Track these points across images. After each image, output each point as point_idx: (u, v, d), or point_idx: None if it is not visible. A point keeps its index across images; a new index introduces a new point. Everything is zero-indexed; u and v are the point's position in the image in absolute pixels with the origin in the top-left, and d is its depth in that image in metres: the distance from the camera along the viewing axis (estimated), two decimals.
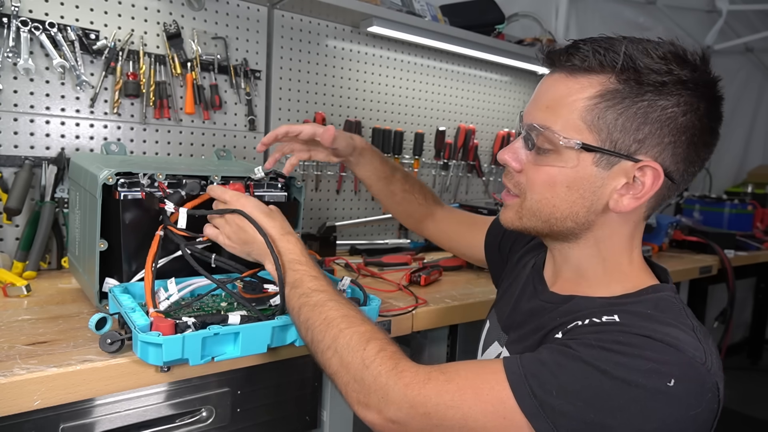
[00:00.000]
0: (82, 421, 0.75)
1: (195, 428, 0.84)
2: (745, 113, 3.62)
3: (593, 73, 0.62)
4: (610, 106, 0.61)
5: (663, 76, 0.59)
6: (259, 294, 0.87)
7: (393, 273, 1.37)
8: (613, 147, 0.62)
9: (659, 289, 0.66)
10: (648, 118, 0.60)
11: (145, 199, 0.87)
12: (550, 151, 0.64)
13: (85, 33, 1.26)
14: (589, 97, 0.62)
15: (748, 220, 2.57)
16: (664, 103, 0.60)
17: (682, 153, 0.62)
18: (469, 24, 1.78)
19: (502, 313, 0.84)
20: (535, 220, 0.69)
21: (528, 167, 0.68)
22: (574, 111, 0.62)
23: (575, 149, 0.62)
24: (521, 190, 0.69)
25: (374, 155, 1.07)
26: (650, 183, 0.62)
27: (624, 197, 0.63)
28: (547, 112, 0.65)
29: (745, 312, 3.59)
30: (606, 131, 0.61)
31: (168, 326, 0.71)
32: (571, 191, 0.65)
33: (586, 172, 0.63)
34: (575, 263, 0.72)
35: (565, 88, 0.63)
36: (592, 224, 0.67)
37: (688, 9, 3.00)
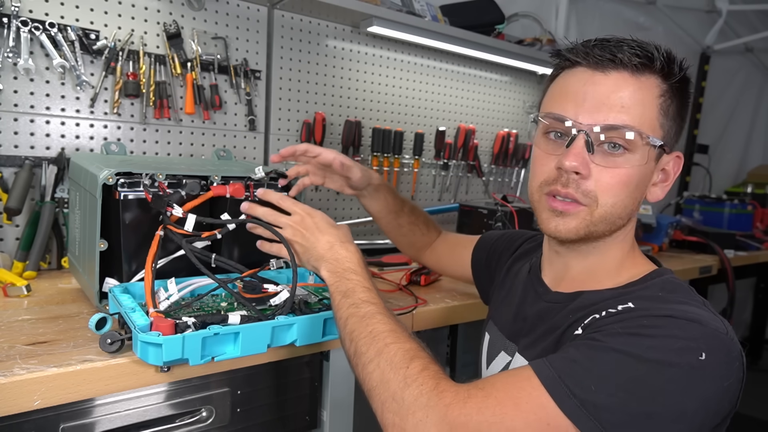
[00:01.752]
0: (82, 421, 0.75)
1: (195, 428, 0.84)
2: (745, 113, 3.62)
3: (655, 73, 0.65)
4: (671, 105, 0.66)
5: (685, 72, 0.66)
6: (259, 294, 0.87)
7: (393, 273, 1.37)
8: (668, 141, 0.67)
9: (661, 272, 0.68)
10: (681, 112, 0.67)
11: (151, 202, 0.86)
12: (623, 151, 0.64)
13: (85, 33, 1.26)
14: (659, 95, 0.65)
15: (748, 220, 2.57)
16: (687, 95, 0.68)
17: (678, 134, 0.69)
18: (469, 24, 1.78)
19: (504, 323, 0.84)
20: (604, 224, 0.67)
21: (597, 171, 0.65)
22: (652, 110, 0.64)
23: (649, 147, 0.64)
24: (591, 197, 0.65)
25: (389, 192, 1.08)
26: (675, 171, 0.69)
27: (656, 187, 0.69)
28: (623, 112, 0.63)
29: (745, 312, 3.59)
30: (666, 128, 0.66)
31: (168, 326, 0.71)
32: (638, 189, 0.67)
33: (649, 168, 0.66)
34: (591, 263, 0.72)
35: (634, 88, 0.64)
36: (631, 218, 0.70)
37: (688, 9, 3.00)
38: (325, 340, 0.86)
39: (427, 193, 1.99)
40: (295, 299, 0.87)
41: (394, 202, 1.09)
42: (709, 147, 3.31)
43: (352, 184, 1.04)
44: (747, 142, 3.70)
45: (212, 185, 0.94)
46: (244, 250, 0.97)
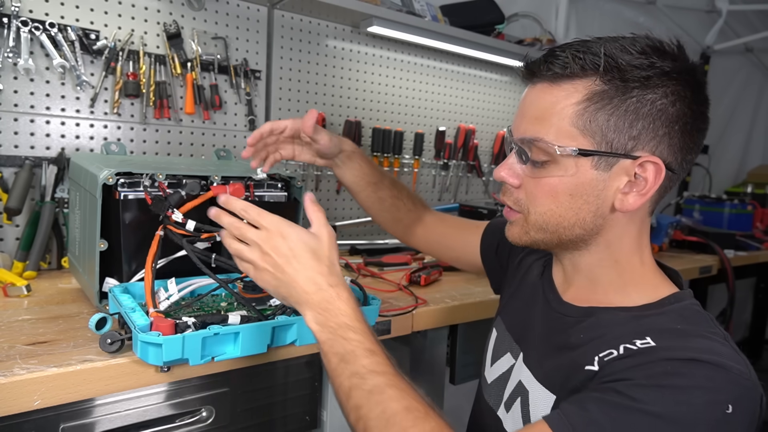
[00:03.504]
0: (82, 421, 0.75)
1: (195, 428, 0.84)
2: (745, 113, 3.62)
3: (576, 78, 0.61)
4: (599, 108, 0.60)
5: (646, 71, 0.59)
6: (259, 294, 0.87)
7: (393, 273, 1.37)
8: (609, 148, 0.61)
9: (681, 297, 0.65)
10: (639, 114, 0.60)
11: (151, 204, 0.86)
12: (546, 162, 0.63)
13: (85, 33, 1.26)
14: (577, 102, 0.61)
15: (748, 220, 2.57)
16: (652, 97, 0.60)
17: (677, 143, 0.62)
18: (469, 24, 1.78)
19: (512, 323, 0.82)
20: (542, 233, 0.67)
21: (526, 181, 0.67)
22: (564, 118, 0.62)
23: (572, 156, 0.61)
24: (522, 206, 0.68)
25: (363, 159, 1.02)
26: (653, 178, 0.62)
27: (628, 195, 0.63)
28: (536, 123, 0.64)
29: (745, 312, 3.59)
30: (600, 133, 0.61)
31: (168, 326, 0.71)
32: (574, 199, 0.64)
33: (586, 177, 0.62)
34: (587, 271, 0.70)
35: (551, 97, 0.63)
36: (601, 228, 0.66)
37: (688, 9, 3.00)
38: None
39: (427, 193, 1.99)
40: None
41: (371, 172, 1.02)
42: (709, 147, 3.31)
43: (322, 152, 0.96)
44: (747, 142, 3.69)
45: (212, 185, 0.94)
46: None
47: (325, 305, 0.65)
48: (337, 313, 0.65)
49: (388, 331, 1.01)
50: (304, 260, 0.66)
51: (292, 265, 0.66)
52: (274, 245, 0.67)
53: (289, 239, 0.67)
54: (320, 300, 0.65)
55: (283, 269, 0.66)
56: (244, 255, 0.69)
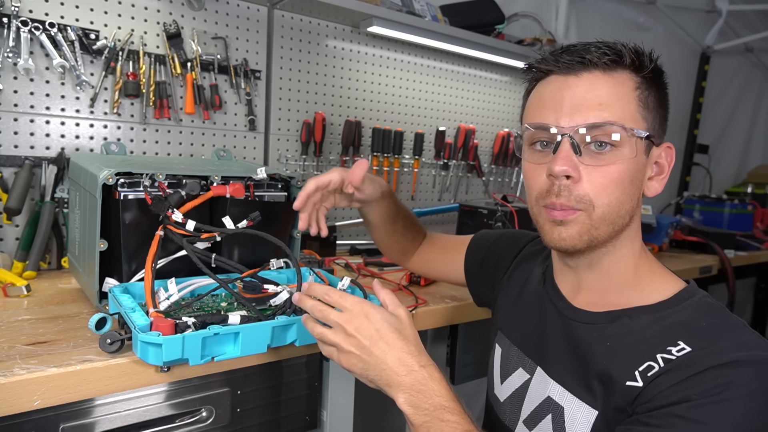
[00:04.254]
0: (82, 421, 0.75)
1: (195, 428, 0.84)
2: (745, 113, 3.62)
3: (619, 68, 0.65)
4: (649, 95, 0.65)
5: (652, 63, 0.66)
6: (259, 294, 0.87)
7: (393, 273, 1.37)
8: (654, 133, 0.66)
9: (692, 292, 0.67)
10: (662, 102, 0.67)
11: (151, 205, 0.86)
12: (612, 148, 0.63)
13: (85, 33, 1.26)
14: (634, 88, 0.65)
15: (748, 220, 2.57)
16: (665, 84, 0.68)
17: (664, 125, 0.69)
18: (469, 24, 1.78)
19: (519, 337, 0.80)
20: (606, 226, 0.65)
21: (588, 172, 0.64)
22: (630, 103, 0.64)
23: (636, 139, 0.64)
24: (585, 201, 0.64)
25: (392, 198, 1.00)
26: (669, 162, 0.68)
27: (653, 181, 0.68)
28: (602, 109, 0.63)
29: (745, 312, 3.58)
30: (650, 119, 0.65)
31: (168, 326, 0.71)
32: (633, 184, 0.65)
33: (641, 162, 0.65)
34: (605, 269, 0.70)
35: (609, 85, 0.64)
36: (634, 218, 0.69)
37: (688, 9, 3.00)
38: None
39: (427, 193, 1.99)
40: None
41: (395, 209, 1.01)
42: (709, 147, 3.31)
43: (363, 198, 0.93)
44: (747, 142, 3.69)
45: (212, 185, 0.94)
46: (245, 251, 0.97)
47: (419, 386, 0.63)
48: (431, 394, 0.63)
49: None
50: (391, 340, 0.65)
51: (380, 347, 0.65)
52: (358, 326, 0.66)
53: (374, 320, 0.66)
54: (413, 381, 0.63)
55: (371, 351, 0.65)
56: (328, 338, 0.68)
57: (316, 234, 0.91)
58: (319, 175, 0.88)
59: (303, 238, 1.42)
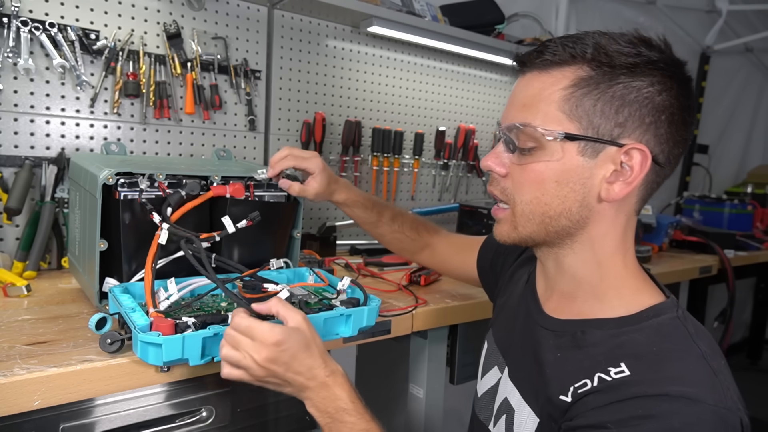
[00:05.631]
0: (82, 421, 0.75)
1: (195, 428, 0.84)
2: (745, 113, 3.62)
3: (565, 65, 0.62)
4: (586, 93, 0.61)
5: (634, 58, 0.60)
6: (259, 294, 0.87)
7: (393, 273, 1.37)
8: (596, 133, 0.61)
9: (660, 311, 0.62)
10: (626, 100, 0.60)
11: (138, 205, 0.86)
12: (533, 148, 0.63)
13: (85, 33, 1.26)
14: (564, 87, 0.61)
15: (748, 220, 2.57)
16: (639, 84, 0.60)
17: (664, 133, 0.62)
18: (469, 24, 1.78)
19: (500, 335, 0.82)
20: (530, 224, 0.66)
21: (513, 170, 0.66)
22: (551, 103, 0.62)
23: (558, 140, 0.61)
24: (509, 196, 0.67)
25: (355, 207, 1.07)
26: (639, 166, 0.61)
27: (614, 185, 0.62)
28: (524, 110, 0.64)
29: (745, 312, 3.59)
30: (586, 118, 0.61)
31: (168, 326, 0.71)
32: (560, 186, 0.63)
33: (573, 163, 0.62)
34: (571, 272, 0.69)
35: (539, 84, 0.63)
36: (587, 221, 0.65)
37: (688, 9, 3.00)
38: (326, 341, 0.86)
39: (427, 193, 1.99)
40: (295, 299, 0.87)
41: (366, 214, 1.08)
42: (709, 147, 3.31)
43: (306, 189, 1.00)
44: (747, 142, 3.70)
45: (212, 185, 0.94)
46: (244, 250, 0.97)
47: (324, 393, 0.70)
48: (334, 398, 0.69)
49: (388, 331, 1.01)
50: (301, 359, 0.69)
51: (293, 368, 0.69)
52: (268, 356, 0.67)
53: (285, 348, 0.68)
54: (319, 388, 0.70)
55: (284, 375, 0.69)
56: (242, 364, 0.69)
57: None
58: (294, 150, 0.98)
59: (303, 238, 1.42)
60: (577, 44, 0.61)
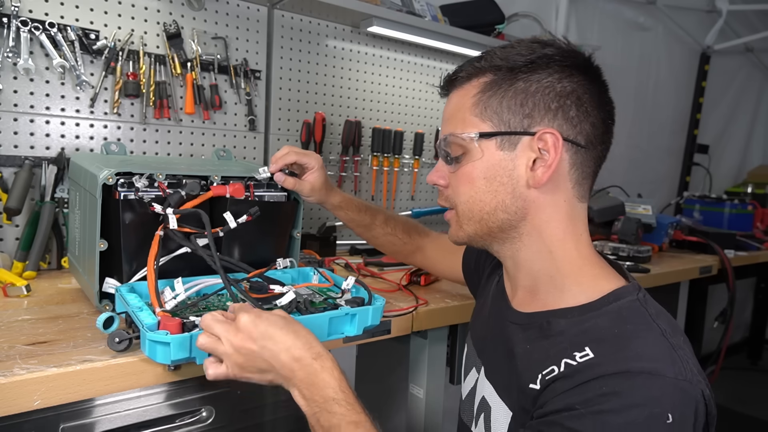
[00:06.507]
0: (82, 421, 0.75)
1: (195, 428, 0.84)
2: (745, 113, 3.62)
3: (473, 79, 0.70)
4: (491, 95, 0.67)
5: (529, 56, 0.66)
6: (265, 294, 0.87)
7: (393, 273, 1.37)
8: (507, 127, 0.67)
9: (621, 294, 0.64)
10: (528, 92, 0.66)
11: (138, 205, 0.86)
12: (461, 155, 0.69)
13: (85, 33, 1.26)
14: (473, 95, 0.69)
15: (748, 220, 2.57)
16: (537, 77, 0.66)
17: (575, 116, 0.66)
18: (469, 24, 1.78)
19: (476, 336, 0.84)
20: (472, 223, 0.71)
21: (451, 179, 0.73)
22: (465, 111, 0.69)
23: (476, 141, 0.68)
24: (451, 201, 0.73)
25: (349, 210, 1.10)
26: (553, 148, 0.65)
27: (537, 170, 0.66)
28: (447, 123, 0.72)
29: (745, 312, 3.59)
30: (496, 117, 0.67)
31: (175, 325, 0.71)
32: (489, 182, 0.68)
33: (495, 159, 0.67)
34: (527, 266, 0.71)
35: (456, 99, 0.72)
36: (525, 211, 0.68)
37: (688, 9, 3.00)
38: (329, 340, 0.86)
39: (426, 192, 1.99)
40: (300, 299, 0.87)
41: (359, 217, 1.11)
42: (709, 147, 3.31)
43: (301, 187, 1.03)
44: (747, 142, 3.70)
45: (212, 185, 0.94)
46: (246, 249, 0.97)
47: (311, 379, 0.65)
48: (322, 386, 0.65)
49: (388, 331, 1.01)
50: (278, 338, 0.66)
51: (268, 347, 0.66)
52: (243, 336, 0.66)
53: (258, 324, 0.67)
54: (305, 375, 0.66)
55: (261, 354, 0.66)
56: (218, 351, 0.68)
57: None
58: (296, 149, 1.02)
59: (303, 238, 1.42)
60: (482, 60, 0.69)
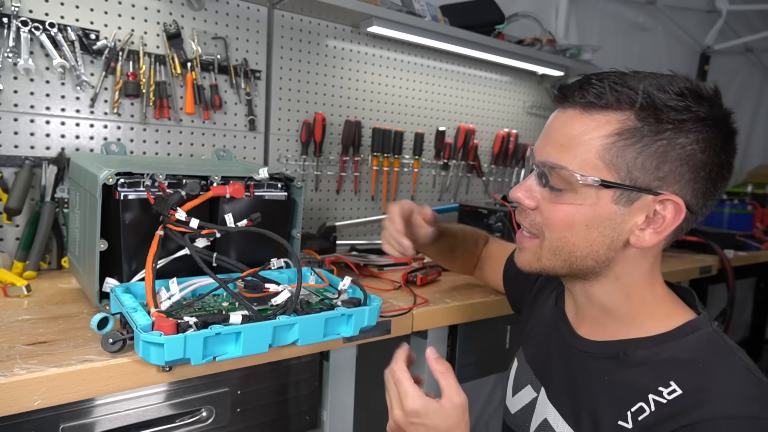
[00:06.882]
0: (82, 421, 0.75)
1: (195, 428, 0.84)
2: (745, 113, 3.62)
3: (610, 110, 0.60)
4: (629, 145, 0.59)
5: (682, 114, 0.58)
6: (260, 293, 0.87)
7: (392, 273, 1.37)
8: (633, 184, 0.60)
9: (696, 326, 0.63)
10: (668, 157, 0.59)
11: (153, 204, 0.86)
12: (568, 190, 0.63)
13: (85, 33, 1.26)
14: (607, 135, 0.60)
15: (748, 220, 2.57)
16: (683, 141, 0.59)
17: (701, 188, 0.61)
18: (469, 24, 1.78)
19: (532, 355, 0.82)
20: (555, 259, 0.66)
21: (544, 205, 0.66)
22: (591, 150, 0.61)
23: (593, 187, 0.61)
24: (538, 229, 0.67)
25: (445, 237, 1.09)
26: (671, 217, 0.61)
27: (645, 232, 0.62)
28: (562, 150, 0.63)
29: (745, 312, 3.59)
30: (625, 170, 0.60)
31: (170, 326, 0.71)
32: (590, 230, 0.63)
33: (606, 210, 0.62)
34: (599, 302, 0.69)
35: (580, 126, 0.62)
36: (612, 261, 0.65)
37: (688, 9, 3.00)
38: (326, 340, 0.86)
39: (427, 193, 1.99)
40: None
41: (451, 241, 1.11)
42: None
43: (420, 236, 1.03)
44: (747, 142, 3.69)
45: (212, 185, 0.94)
46: (245, 250, 0.97)
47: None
48: None
49: (388, 331, 1.01)
50: None
51: None
52: (401, 419, 0.68)
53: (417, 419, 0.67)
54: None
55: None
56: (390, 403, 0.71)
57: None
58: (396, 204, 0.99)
59: (303, 238, 1.42)
60: (624, 89, 0.59)
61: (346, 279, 0.94)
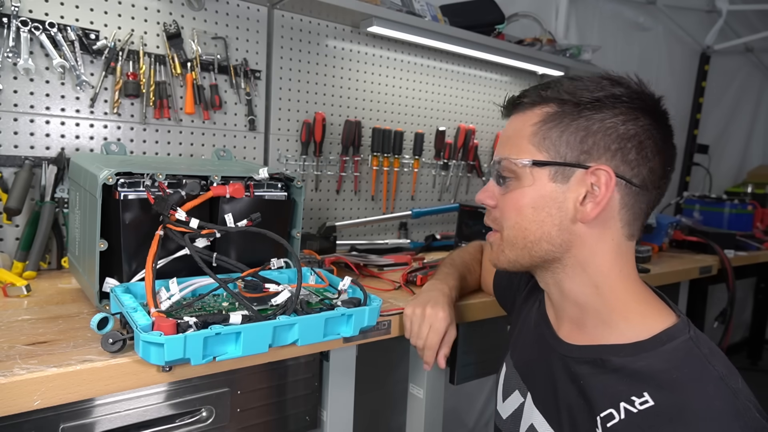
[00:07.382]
0: (82, 421, 0.75)
1: (195, 428, 0.84)
2: (745, 113, 3.62)
3: (538, 106, 0.70)
4: (552, 127, 0.68)
5: (596, 93, 0.66)
6: (260, 293, 0.87)
7: (392, 273, 1.37)
8: (563, 160, 0.67)
9: (673, 334, 0.63)
10: (589, 131, 0.66)
11: (153, 204, 0.86)
12: (512, 178, 0.70)
13: (85, 33, 1.26)
14: (534, 123, 0.69)
15: (748, 220, 2.57)
16: (602, 116, 0.66)
17: (634, 158, 0.66)
18: (469, 24, 1.78)
19: (518, 360, 0.84)
20: (515, 249, 0.72)
21: (500, 200, 0.73)
22: (523, 138, 0.70)
23: (528, 168, 0.68)
24: (498, 223, 0.74)
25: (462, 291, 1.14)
26: (605, 186, 0.65)
27: (586, 206, 0.66)
28: (504, 146, 0.73)
29: (745, 312, 3.59)
30: (553, 149, 0.67)
31: (170, 326, 0.71)
32: (537, 211, 0.68)
33: (546, 189, 0.68)
34: (572, 297, 0.71)
35: (516, 123, 0.72)
36: (570, 244, 0.68)
37: (688, 9, 3.00)
38: (326, 340, 0.86)
39: (427, 193, 1.99)
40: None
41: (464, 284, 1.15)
42: (709, 147, 3.31)
43: None
44: (747, 142, 3.70)
45: (212, 185, 0.94)
46: (245, 250, 0.97)
47: None
48: None
49: (388, 331, 1.01)
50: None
51: None
52: None
53: None
54: None
55: None
56: None
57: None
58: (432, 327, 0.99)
59: (303, 238, 1.42)
60: (549, 89, 0.69)
61: (346, 279, 0.94)
